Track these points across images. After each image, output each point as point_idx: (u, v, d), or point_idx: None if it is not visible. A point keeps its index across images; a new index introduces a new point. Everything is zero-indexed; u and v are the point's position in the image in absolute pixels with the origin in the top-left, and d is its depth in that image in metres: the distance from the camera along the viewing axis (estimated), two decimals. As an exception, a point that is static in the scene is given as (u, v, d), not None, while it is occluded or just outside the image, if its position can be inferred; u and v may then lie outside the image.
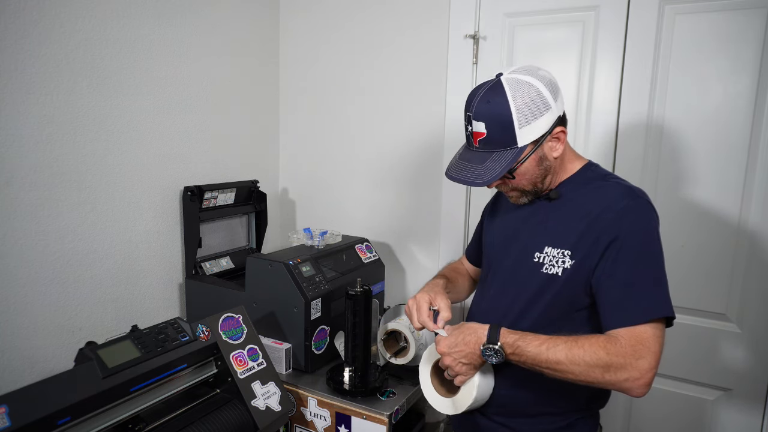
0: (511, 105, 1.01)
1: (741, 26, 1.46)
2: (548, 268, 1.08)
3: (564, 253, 1.07)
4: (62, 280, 1.48)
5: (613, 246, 1.01)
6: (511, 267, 1.17)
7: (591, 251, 1.03)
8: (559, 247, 1.08)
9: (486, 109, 1.04)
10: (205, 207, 1.82)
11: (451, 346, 1.09)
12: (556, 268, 1.07)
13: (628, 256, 1.00)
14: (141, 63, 1.65)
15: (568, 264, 1.06)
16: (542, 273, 1.09)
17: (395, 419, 1.39)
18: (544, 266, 1.09)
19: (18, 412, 0.91)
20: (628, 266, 1.00)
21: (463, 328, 1.10)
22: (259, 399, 1.28)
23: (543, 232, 1.12)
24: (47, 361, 1.45)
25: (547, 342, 1.00)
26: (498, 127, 1.03)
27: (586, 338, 1.00)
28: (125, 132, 1.62)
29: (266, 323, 1.58)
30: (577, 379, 0.99)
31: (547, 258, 1.09)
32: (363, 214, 2.14)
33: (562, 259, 1.07)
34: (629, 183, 1.11)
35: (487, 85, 1.06)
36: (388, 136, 2.04)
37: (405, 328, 1.50)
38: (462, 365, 1.09)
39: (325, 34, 2.13)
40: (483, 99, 1.04)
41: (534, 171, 1.08)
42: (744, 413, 1.59)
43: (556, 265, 1.08)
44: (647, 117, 1.60)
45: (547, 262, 1.09)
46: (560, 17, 1.69)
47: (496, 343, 1.03)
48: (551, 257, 1.08)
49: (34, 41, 1.37)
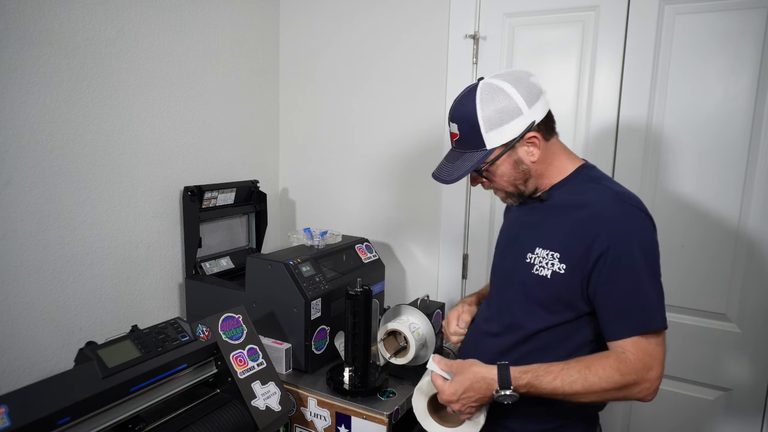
0: (478, 109, 1.06)
1: (741, 26, 1.46)
2: (538, 269, 1.09)
3: (552, 255, 1.07)
4: (62, 280, 1.48)
5: (604, 258, 1.00)
6: (508, 268, 1.19)
7: (583, 260, 1.02)
8: (548, 249, 1.08)
9: (459, 111, 1.10)
10: (205, 207, 1.82)
11: (457, 394, 1.05)
12: (545, 270, 1.08)
13: (619, 268, 0.99)
14: (141, 63, 1.65)
15: (557, 267, 1.06)
16: (533, 274, 1.09)
17: (395, 419, 1.39)
18: (534, 267, 1.10)
19: (18, 412, 0.91)
20: (621, 278, 0.99)
21: (468, 374, 1.05)
22: (259, 399, 1.28)
23: (535, 234, 1.13)
24: (47, 361, 1.46)
25: (561, 375, 0.99)
26: (468, 129, 1.08)
27: (597, 361, 0.99)
28: (125, 132, 1.62)
29: (266, 323, 1.58)
30: (593, 402, 1.02)
31: (537, 259, 1.10)
32: (363, 214, 2.14)
33: (551, 261, 1.07)
34: (621, 187, 1.10)
35: (468, 89, 1.11)
36: (388, 135, 2.04)
37: (405, 328, 1.49)
38: (472, 408, 1.07)
39: (325, 35, 2.13)
40: (459, 102, 1.11)
41: (511, 173, 1.11)
42: (744, 413, 1.59)
43: (546, 266, 1.08)
44: (647, 117, 1.60)
45: (537, 263, 1.09)
46: (560, 17, 1.69)
47: (509, 388, 1.01)
48: (541, 258, 1.09)
49: (34, 41, 1.37)
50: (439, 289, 2.01)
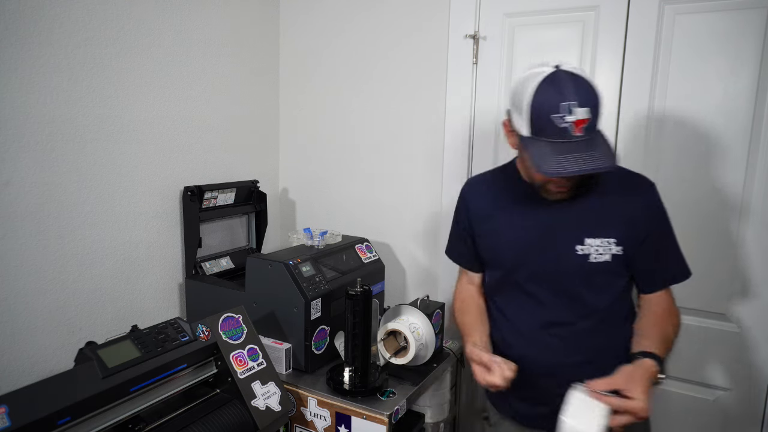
0: (598, 91, 1.05)
1: (741, 26, 1.46)
2: (596, 257, 1.15)
3: (608, 242, 1.14)
4: (62, 280, 1.48)
5: (647, 225, 1.16)
6: (555, 266, 1.18)
7: (635, 238, 1.15)
8: (601, 237, 1.14)
9: (590, 94, 1.03)
10: (205, 207, 1.81)
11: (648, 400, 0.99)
12: (605, 256, 1.15)
13: (659, 232, 1.17)
14: (141, 63, 1.65)
15: (615, 250, 1.14)
16: (590, 263, 1.15)
17: (395, 419, 1.39)
18: (590, 256, 1.15)
19: (18, 412, 0.91)
20: (660, 241, 1.18)
21: (640, 378, 1.01)
22: (259, 399, 1.28)
23: (577, 225, 1.16)
24: (47, 361, 1.46)
25: (662, 343, 1.12)
26: (598, 110, 1.04)
27: (663, 317, 1.18)
28: (125, 132, 1.62)
29: (266, 323, 1.58)
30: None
31: (591, 249, 1.14)
32: (363, 214, 2.14)
33: (608, 248, 1.14)
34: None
35: (578, 72, 1.05)
36: (388, 135, 2.04)
37: (405, 328, 1.49)
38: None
39: (325, 35, 2.13)
40: (583, 86, 1.03)
41: None
42: (744, 413, 1.59)
43: (604, 253, 1.14)
44: (647, 117, 1.60)
45: (592, 252, 1.14)
46: (560, 17, 1.69)
47: (664, 372, 1.08)
48: (596, 247, 1.14)
49: (34, 41, 1.37)
50: (439, 289, 2.01)
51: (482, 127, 1.84)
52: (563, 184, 1.12)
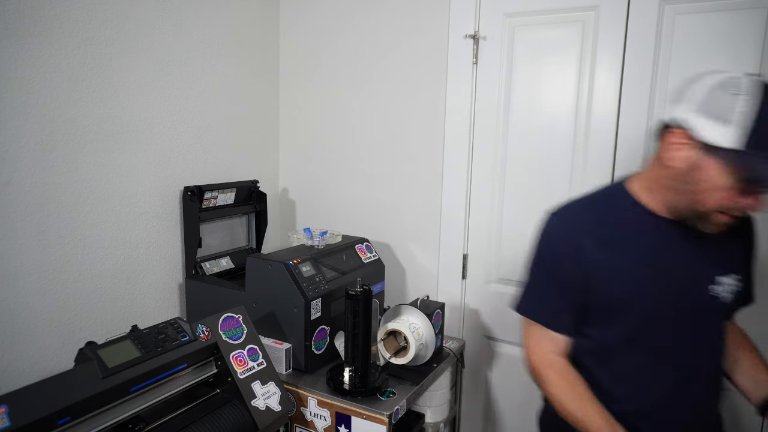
0: None
1: (741, 26, 1.46)
2: (724, 297, 1.06)
3: (736, 278, 1.07)
4: (62, 280, 1.48)
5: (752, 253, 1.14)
6: (692, 312, 1.05)
7: (746, 268, 1.13)
8: (730, 274, 1.06)
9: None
10: (205, 207, 1.82)
11: None
12: (729, 294, 1.06)
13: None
14: (141, 63, 1.65)
15: (737, 286, 1.07)
16: (720, 303, 1.06)
17: (395, 419, 1.39)
18: (720, 297, 1.05)
19: (18, 412, 0.91)
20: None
21: None
22: (259, 399, 1.28)
23: (708, 262, 1.05)
24: (47, 361, 1.46)
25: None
26: None
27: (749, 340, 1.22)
28: (125, 132, 1.62)
29: (266, 323, 1.58)
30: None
31: (721, 288, 1.05)
32: (363, 214, 2.14)
33: (735, 284, 1.07)
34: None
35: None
36: (388, 135, 2.04)
37: (405, 328, 1.50)
38: None
39: (324, 34, 2.13)
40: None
41: None
42: (744, 413, 1.59)
43: (730, 292, 1.06)
44: (647, 117, 1.60)
45: (721, 291, 1.05)
46: (560, 17, 1.69)
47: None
48: (726, 285, 1.05)
49: (34, 41, 1.37)
50: (439, 289, 2.01)
51: (482, 127, 1.84)
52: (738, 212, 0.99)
